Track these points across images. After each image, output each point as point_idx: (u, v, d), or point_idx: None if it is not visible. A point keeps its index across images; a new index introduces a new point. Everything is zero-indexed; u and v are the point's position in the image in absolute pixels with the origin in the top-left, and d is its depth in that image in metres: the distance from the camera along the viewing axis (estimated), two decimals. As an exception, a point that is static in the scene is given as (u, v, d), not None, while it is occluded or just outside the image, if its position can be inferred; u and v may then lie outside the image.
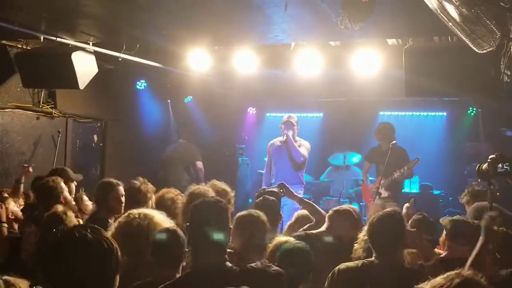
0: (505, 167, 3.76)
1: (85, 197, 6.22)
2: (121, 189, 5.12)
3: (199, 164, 10.34)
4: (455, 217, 4.50)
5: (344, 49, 7.35)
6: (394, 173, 8.58)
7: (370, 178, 9.56)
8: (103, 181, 5.33)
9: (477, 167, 3.90)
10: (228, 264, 3.22)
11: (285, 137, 8.48)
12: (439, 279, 2.28)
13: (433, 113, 11.96)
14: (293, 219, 5.66)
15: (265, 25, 6.24)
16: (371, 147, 9.48)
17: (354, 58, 7.25)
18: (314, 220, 5.22)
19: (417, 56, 6.47)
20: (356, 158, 10.75)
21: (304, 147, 8.52)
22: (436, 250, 5.04)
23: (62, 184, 5.43)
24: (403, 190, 9.31)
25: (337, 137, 11.37)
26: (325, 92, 10.07)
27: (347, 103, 11.15)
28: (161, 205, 5.06)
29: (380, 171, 8.61)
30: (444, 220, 4.49)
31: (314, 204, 5.53)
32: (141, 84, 10.58)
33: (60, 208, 4.74)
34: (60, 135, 8.75)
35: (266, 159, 9.14)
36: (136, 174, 5.64)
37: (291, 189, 5.79)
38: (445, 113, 11.81)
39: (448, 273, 2.30)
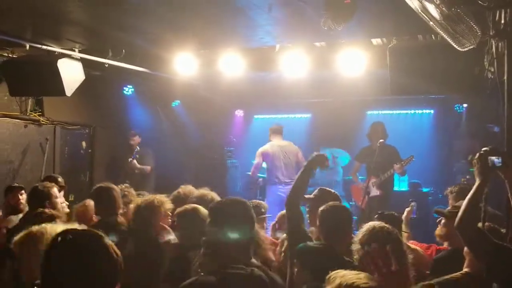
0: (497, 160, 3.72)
1: None
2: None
3: None
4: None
5: (330, 49, 7.37)
6: (387, 172, 8.60)
7: (360, 177, 9.60)
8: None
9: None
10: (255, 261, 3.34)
11: None
12: None
13: (420, 111, 12.04)
14: (275, 219, 5.72)
15: (249, 27, 6.25)
16: (362, 147, 9.46)
17: (340, 58, 7.27)
18: None
19: (401, 55, 6.48)
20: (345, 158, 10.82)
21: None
22: (412, 245, 5.06)
23: (53, 190, 5.45)
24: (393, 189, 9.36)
25: (325, 137, 11.39)
26: (312, 93, 10.10)
27: (334, 103, 11.17)
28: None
29: (370, 171, 8.62)
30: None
31: None
32: (128, 90, 10.59)
33: None
34: (48, 143, 8.75)
35: (255, 161, 9.27)
36: (124, 179, 5.67)
37: None
38: (432, 111, 11.89)
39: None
